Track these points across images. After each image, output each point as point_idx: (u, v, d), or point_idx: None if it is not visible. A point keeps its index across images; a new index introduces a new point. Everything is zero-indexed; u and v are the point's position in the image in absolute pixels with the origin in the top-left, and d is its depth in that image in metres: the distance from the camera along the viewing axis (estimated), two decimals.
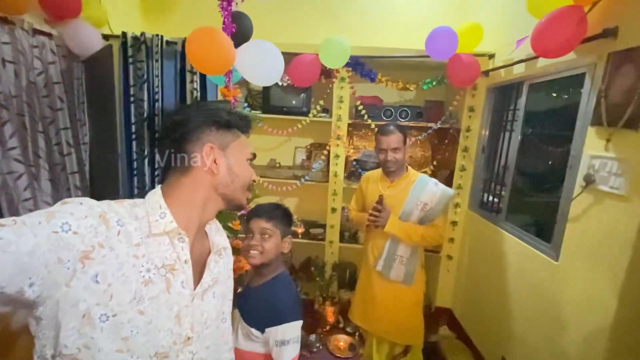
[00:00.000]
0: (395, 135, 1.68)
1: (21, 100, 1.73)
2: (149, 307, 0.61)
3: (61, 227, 0.53)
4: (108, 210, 0.60)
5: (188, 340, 0.67)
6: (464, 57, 2.10)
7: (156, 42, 2.21)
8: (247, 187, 0.76)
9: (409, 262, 1.73)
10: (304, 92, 2.55)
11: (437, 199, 1.66)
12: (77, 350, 0.55)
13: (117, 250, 0.58)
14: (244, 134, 0.77)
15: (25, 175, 1.75)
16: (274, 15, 2.59)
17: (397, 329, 1.77)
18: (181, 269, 0.66)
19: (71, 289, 0.54)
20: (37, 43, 1.81)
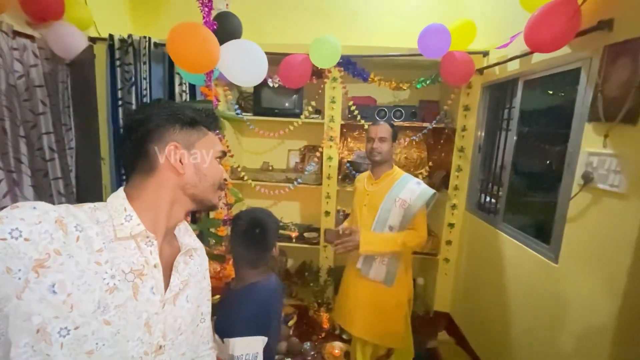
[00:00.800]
0: (384, 126, 1.69)
1: (1, 104, 1.68)
2: (115, 316, 0.57)
3: (10, 234, 0.49)
4: (65, 215, 0.56)
5: (160, 349, 0.64)
6: (458, 55, 2.05)
7: (144, 44, 2.17)
8: (217, 187, 0.73)
9: (390, 262, 1.69)
10: (296, 93, 2.50)
11: (415, 196, 1.63)
12: None
13: (77, 257, 0.54)
14: (211, 130, 0.74)
15: (4, 182, 1.69)
16: (263, 16, 2.56)
17: (376, 330, 1.72)
18: (150, 273, 0.63)
19: (23, 302, 0.50)
20: (18, 45, 1.76)
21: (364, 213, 1.75)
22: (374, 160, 1.72)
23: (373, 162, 1.73)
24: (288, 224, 2.78)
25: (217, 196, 0.74)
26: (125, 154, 0.67)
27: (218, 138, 0.78)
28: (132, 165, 0.67)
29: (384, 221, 1.67)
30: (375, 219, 1.68)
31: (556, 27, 1.30)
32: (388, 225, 1.67)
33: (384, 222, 1.67)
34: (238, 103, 2.64)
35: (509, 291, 1.85)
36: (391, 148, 1.70)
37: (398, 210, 1.64)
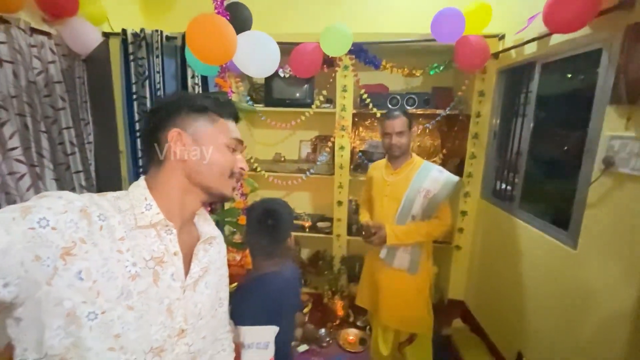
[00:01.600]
0: (400, 119, 1.65)
1: (21, 100, 1.73)
2: (138, 301, 0.59)
3: (38, 223, 0.50)
4: (89, 204, 0.58)
5: (182, 332, 0.66)
6: (473, 39, 2.00)
7: (156, 38, 2.18)
8: (227, 176, 0.70)
9: (414, 250, 1.69)
10: (307, 83, 2.49)
11: (440, 186, 1.62)
12: (66, 349, 0.53)
13: (100, 246, 0.56)
14: (223, 118, 0.71)
15: (27, 176, 1.75)
16: (273, 5, 2.53)
17: (400, 316, 1.74)
18: (170, 261, 0.64)
19: (53, 288, 0.52)
20: (36, 42, 1.80)
21: (384, 204, 1.74)
22: (394, 156, 1.70)
23: (392, 155, 1.71)
24: (301, 214, 2.81)
25: (229, 186, 0.71)
26: (142, 144, 0.70)
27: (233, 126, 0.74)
28: (147, 155, 0.69)
29: (407, 211, 1.66)
30: (399, 210, 1.67)
31: (576, 7, 1.26)
32: (411, 215, 1.67)
33: (407, 212, 1.66)
34: (249, 94, 2.65)
35: (525, 278, 1.84)
36: (410, 139, 1.68)
37: (422, 200, 1.63)
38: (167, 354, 0.63)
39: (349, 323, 2.46)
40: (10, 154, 1.68)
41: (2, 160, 1.67)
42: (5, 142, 1.66)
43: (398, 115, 1.66)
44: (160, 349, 0.62)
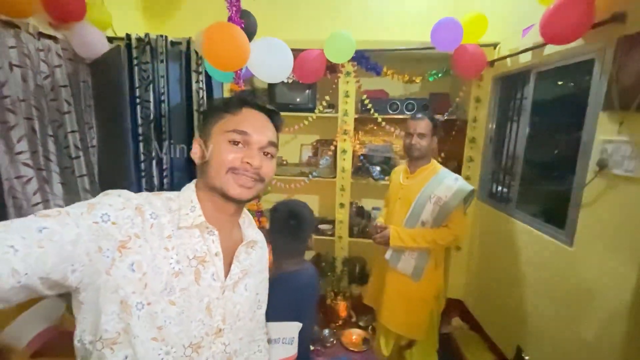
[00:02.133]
0: (424, 121, 1.65)
1: (29, 104, 1.73)
2: (180, 298, 0.62)
3: (101, 218, 0.55)
4: (144, 203, 0.62)
5: (220, 331, 0.68)
6: (470, 48, 2.10)
7: (161, 43, 2.20)
8: (225, 171, 0.65)
9: (419, 257, 1.68)
10: (309, 88, 2.55)
11: (452, 193, 1.59)
12: (117, 334, 0.58)
13: (151, 242, 0.60)
14: (229, 112, 0.68)
15: (34, 180, 1.75)
16: (276, 12, 2.59)
17: (399, 321, 1.74)
18: (211, 261, 0.66)
19: (111, 277, 0.56)
20: (43, 46, 1.81)
21: (397, 207, 1.74)
22: (412, 156, 1.69)
23: (411, 156, 1.70)
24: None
25: (230, 183, 0.65)
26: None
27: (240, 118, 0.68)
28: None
29: (417, 216, 1.66)
30: (408, 214, 1.67)
31: (571, 20, 1.35)
32: (421, 221, 1.65)
33: (416, 217, 1.66)
34: None
35: (523, 276, 1.92)
36: (431, 143, 1.67)
37: (432, 207, 1.61)
38: (204, 351, 0.65)
39: (352, 323, 2.50)
40: (17, 158, 1.68)
41: (10, 164, 1.66)
42: (13, 145, 1.66)
43: (422, 117, 1.66)
44: (198, 345, 0.64)
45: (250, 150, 0.66)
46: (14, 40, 1.64)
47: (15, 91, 1.64)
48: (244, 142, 0.66)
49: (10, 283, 0.44)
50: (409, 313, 1.72)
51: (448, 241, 1.65)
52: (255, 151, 0.67)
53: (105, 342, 0.58)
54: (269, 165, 0.70)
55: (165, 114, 2.25)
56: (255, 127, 0.67)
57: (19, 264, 0.44)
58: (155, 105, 2.24)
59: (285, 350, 1.00)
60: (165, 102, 2.25)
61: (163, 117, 2.25)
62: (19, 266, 0.44)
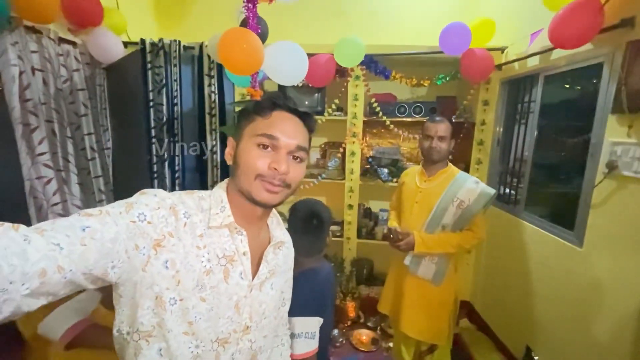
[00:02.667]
0: (445, 124, 1.63)
1: (50, 107, 1.78)
2: (210, 295, 0.64)
3: (138, 217, 0.57)
4: (178, 203, 0.64)
5: (247, 329, 0.70)
6: (478, 52, 2.13)
7: (174, 48, 2.25)
8: (254, 177, 0.65)
9: (440, 261, 1.65)
10: (319, 92, 2.59)
11: (475, 197, 1.57)
12: (152, 327, 0.61)
13: (184, 241, 0.62)
14: (261, 115, 0.67)
15: (54, 180, 1.80)
16: (286, 17, 2.62)
17: (420, 327, 1.71)
18: (239, 260, 0.68)
19: (147, 273, 0.59)
20: (63, 51, 1.86)
21: (414, 210, 1.71)
22: (432, 159, 1.66)
23: (429, 160, 1.68)
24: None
25: (258, 188, 0.65)
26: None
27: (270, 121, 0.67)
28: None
29: (438, 220, 1.63)
30: (429, 217, 1.65)
31: (580, 25, 1.38)
32: (442, 224, 1.63)
33: (437, 221, 1.64)
34: None
35: (532, 276, 1.94)
36: (449, 146, 1.65)
37: (455, 210, 1.60)
38: (231, 347, 0.68)
39: (361, 324, 2.52)
40: (38, 159, 1.73)
41: (32, 165, 1.71)
42: (34, 147, 1.71)
43: (442, 120, 1.64)
44: (225, 340, 0.67)
45: (278, 155, 0.65)
46: (36, 45, 1.69)
47: (36, 94, 1.69)
48: (273, 147, 0.65)
49: (56, 278, 0.46)
50: (430, 318, 1.69)
51: (473, 245, 1.64)
52: (283, 156, 0.65)
53: (142, 334, 0.61)
54: (297, 169, 0.68)
55: (178, 117, 2.30)
56: (284, 131, 0.66)
57: (63, 260, 0.46)
58: (168, 108, 2.28)
59: (307, 344, 1.02)
60: (178, 105, 2.29)
61: (175, 119, 2.29)
62: (63, 263, 0.46)
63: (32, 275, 0.43)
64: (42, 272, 0.44)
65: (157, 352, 0.62)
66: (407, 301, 1.73)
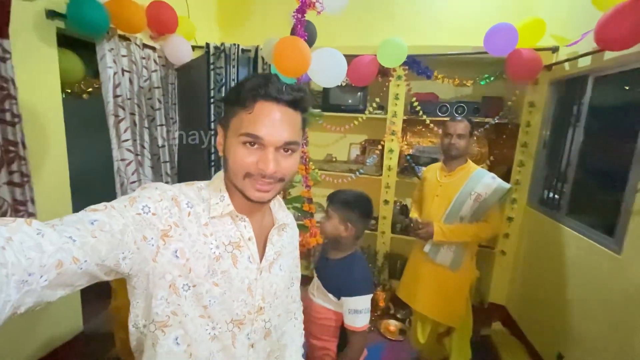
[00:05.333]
0: (463, 123, 1.75)
1: (133, 102, 2.15)
2: (222, 279, 0.66)
3: (142, 209, 0.59)
4: (179, 194, 0.65)
5: (261, 309, 0.72)
6: (525, 52, 2.10)
7: (234, 50, 2.54)
8: (242, 176, 0.63)
9: (458, 249, 1.77)
10: (361, 91, 2.72)
11: (491, 191, 1.70)
12: (167, 317, 0.63)
13: (189, 230, 0.63)
14: (242, 107, 0.62)
15: (133, 162, 2.17)
16: (334, 21, 2.79)
17: (437, 308, 1.83)
18: (246, 245, 0.69)
19: (157, 264, 0.60)
20: (145, 55, 2.22)
21: (435, 203, 1.84)
22: (451, 155, 1.79)
23: (449, 156, 1.81)
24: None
25: (249, 187, 0.64)
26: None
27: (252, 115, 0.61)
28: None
29: (457, 212, 1.76)
30: (448, 210, 1.77)
31: (627, 27, 1.35)
32: (460, 216, 1.75)
33: (456, 213, 1.76)
34: None
35: (569, 283, 1.89)
36: (468, 144, 1.78)
37: (472, 203, 1.72)
38: (246, 327, 0.70)
39: (390, 315, 2.62)
40: (123, 145, 2.10)
41: (118, 149, 2.09)
42: (120, 134, 2.08)
43: (461, 120, 1.78)
44: (240, 322, 0.69)
45: (264, 154, 0.61)
46: (125, 50, 2.06)
47: (124, 91, 2.06)
48: (259, 144, 0.62)
49: (72, 269, 0.47)
50: (447, 301, 1.82)
51: (488, 235, 1.75)
52: (270, 154, 0.61)
53: (157, 324, 0.63)
54: (288, 162, 0.65)
55: None
56: (269, 128, 0.61)
57: (77, 252, 0.47)
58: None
59: (365, 318, 1.18)
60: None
61: None
62: (78, 254, 0.47)
63: (49, 267, 0.44)
64: (58, 264, 0.45)
65: (174, 341, 0.64)
66: (424, 284, 1.86)
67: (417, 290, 1.91)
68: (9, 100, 1.43)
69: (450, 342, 1.95)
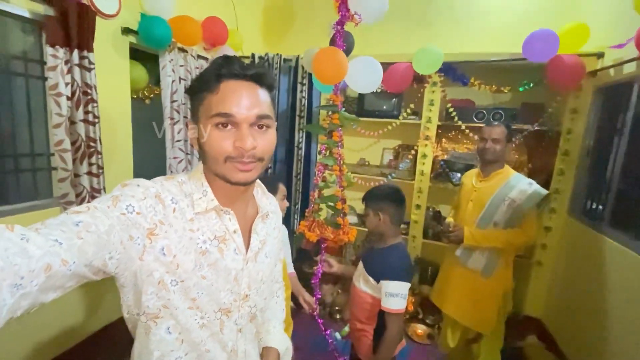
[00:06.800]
0: (500, 128, 1.75)
1: (186, 107, 2.40)
2: (209, 272, 0.67)
3: (126, 209, 0.58)
4: (162, 190, 0.63)
5: (246, 297, 0.74)
6: (566, 59, 2.06)
7: (276, 60, 2.74)
8: (223, 160, 0.62)
9: (490, 255, 1.76)
10: (396, 97, 2.79)
11: (526, 197, 1.67)
12: (158, 310, 0.64)
13: (175, 226, 0.63)
14: (207, 91, 0.62)
15: (183, 161, 2.41)
16: (372, 30, 2.90)
17: (467, 313, 1.83)
18: (231, 238, 0.69)
19: (144, 262, 0.61)
20: (199, 65, 2.48)
21: (469, 208, 1.84)
22: (485, 159, 1.79)
23: (484, 160, 1.81)
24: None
25: (231, 170, 0.63)
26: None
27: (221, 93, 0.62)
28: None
29: (490, 217, 1.75)
30: (481, 215, 1.77)
31: None
32: (493, 222, 1.74)
33: (489, 218, 1.75)
34: (343, 106, 3.06)
35: (613, 298, 1.80)
36: (504, 149, 1.76)
37: (506, 209, 1.70)
38: (233, 314, 0.72)
39: (418, 319, 2.63)
40: (176, 144, 2.35)
41: (171, 148, 2.34)
42: (174, 135, 2.33)
43: (498, 125, 1.78)
44: (227, 310, 0.71)
45: (240, 132, 0.61)
46: (182, 61, 2.32)
47: (179, 97, 2.32)
48: (232, 123, 0.61)
49: (61, 272, 0.46)
50: (477, 307, 1.81)
51: (521, 242, 1.72)
52: (245, 131, 0.61)
53: (149, 316, 0.65)
54: (265, 139, 0.64)
55: (276, 117, 2.78)
56: (238, 105, 0.61)
57: (65, 254, 0.47)
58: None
59: (402, 303, 1.29)
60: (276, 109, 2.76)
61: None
62: (66, 256, 0.47)
63: (38, 271, 0.43)
64: (47, 267, 0.44)
65: (166, 331, 0.66)
66: (455, 288, 1.87)
67: (448, 293, 1.92)
68: (92, 104, 1.71)
69: (479, 349, 1.94)
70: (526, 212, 1.69)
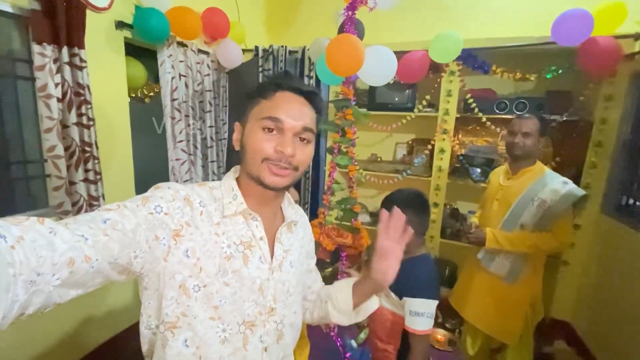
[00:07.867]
0: (531, 120, 1.58)
1: (188, 105, 2.26)
2: (233, 279, 0.65)
3: (154, 209, 0.59)
4: (191, 194, 0.65)
5: (272, 310, 0.71)
6: (601, 41, 1.87)
7: (281, 52, 2.58)
8: (261, 160, 0.65)
9: (515, 260, 1.61)
10: (410, 88, 2.61)
11: (558, 198, 1.50)
12: (177, 318, 0.63)
13: (201, 229, 0.64)
14: (264, 97, 0.67)
15: (186, 162, 2.28)
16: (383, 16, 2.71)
17: (489, 321, 1.69)
18: (257, 245, 0.69)
19: (168, 263, 0.61)
20: (199, 60, 2.33)
21: (494, 208, 1.70)
22: (514, 155, 1.63)
23: (512, 156, 1.65)
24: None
25: (265, 171, 0.65)
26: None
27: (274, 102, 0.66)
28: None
29: (516, 218, 1.60)
30: (507, 215, 1.63)
31: None
32: (520, 223, 1.59)
33: (515, 220, 1.61)
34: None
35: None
36: (536, 143, 1.58)
37: (535, 210, 1.55)
38: (258, 329, 0.69)
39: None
40: (178, 145, 2.22)
41: (173, 149, 2.21)
42: (176, 135, 2.20)
43: (529, 117, 1.61)
44: (252, 323, 0.68)
45: (283, 138, 0.64)
46: (182, 56, 2.17)
47: (180, 95, 2.18)
48: (278, 129, 0.64)
49: (84, 268, 0.47)
50: (500, 315, 1.67)
51: (551, 247, 1.56)
52: (289, 138, 0.64)
53: (167, 325, 0.63)
54: (304, 151, 0.67)
55: None
56: (288, 113, 0.64)
57: (90, 250, 0.47)
58: None
59: (428, 323, 1.12)
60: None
61: None
62: (90, 252, 0.47)
63: (61, 266, 0.44)
64: (70, 262, 0.45)
65: (183, 343, 0.63)
66: (476, 292, 1.73)
67: (468, 298, 1.79)
68: (85, 105, 1.57)
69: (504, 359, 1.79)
70: (559, 215, 1.52)
